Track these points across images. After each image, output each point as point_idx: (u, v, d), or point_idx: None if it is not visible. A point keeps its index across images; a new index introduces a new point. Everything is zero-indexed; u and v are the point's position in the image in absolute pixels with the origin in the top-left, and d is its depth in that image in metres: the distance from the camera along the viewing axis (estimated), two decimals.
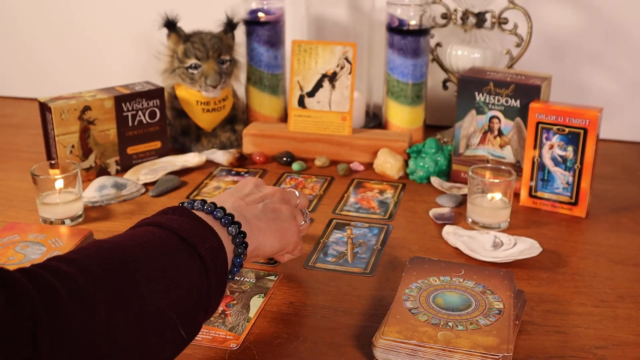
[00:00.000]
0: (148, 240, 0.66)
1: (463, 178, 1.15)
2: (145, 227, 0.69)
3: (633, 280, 0.89)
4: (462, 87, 1.12)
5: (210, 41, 1.26)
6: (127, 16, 1.54)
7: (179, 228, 0.68)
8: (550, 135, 1.04)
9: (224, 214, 0.73)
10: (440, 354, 0.69)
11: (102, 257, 0.61)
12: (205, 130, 1.31)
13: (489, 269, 0.84)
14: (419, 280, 0.81)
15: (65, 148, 1.16)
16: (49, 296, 0.54)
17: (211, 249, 0.68)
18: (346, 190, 1.15)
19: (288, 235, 0.81)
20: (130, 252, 0.63)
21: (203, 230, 0.69)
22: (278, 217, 0.80)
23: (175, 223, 0.68)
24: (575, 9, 1.34)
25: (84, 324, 0.55)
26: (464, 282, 0.81)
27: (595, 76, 1.37)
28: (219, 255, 0.69)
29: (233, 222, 0.73)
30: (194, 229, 0.69)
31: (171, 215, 0.70)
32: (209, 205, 0.74)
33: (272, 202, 0.82)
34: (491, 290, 0.79)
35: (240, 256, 0.73)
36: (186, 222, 0.69)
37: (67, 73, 1.62)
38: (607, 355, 0.74)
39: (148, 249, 0.64)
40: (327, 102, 1.27)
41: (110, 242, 0.65)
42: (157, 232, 0.67)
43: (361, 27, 1.42)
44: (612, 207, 1.09)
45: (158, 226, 0.68)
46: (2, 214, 1.07)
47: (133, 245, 0.64)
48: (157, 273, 0.63)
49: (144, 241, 0.65)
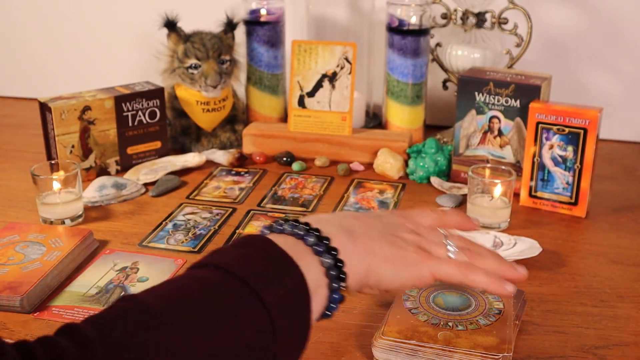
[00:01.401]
0: (182, 290, 0.51)
1: (463, 178, 1.15)
2: (193, 271, 0.55)
3: (633, 280, 0.89)
4: (462, 87, 1.12)
5: (210, 41, 1.26)
6: (127, 16, 1.54)
7: (236, 264, 0.53)
8: (550, 135, 1.04)
9: (317, 239, 0.58)
10: (440, 354, 0.70)
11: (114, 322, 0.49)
12: (205, 130, 1.31)
13: None
14: None
15: (66, 148, 1.16)
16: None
17: (286, 293, 0.53)
18: (346, 190, 1.15)
19: (406, 264, 0.62)
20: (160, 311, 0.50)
21: (277, 265, 0.54)
22: (395, 242, 0.63)
23: (233, 258, 0.54)
24: (575, 9, 1.34)
25: None
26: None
27: (595, 76, 1.37)
28: (298, 302, 0.54)
29: (328, 248, 0.58)
30: (262, 264, 0.54)
31: (236, 249, 0.56)
32: (300, 227, 0.59)
33: (395, 228, 0.65)
34: None
35: (338, 291, 0.58)
36: (253, 254, 0.55)
37: (67, 73, 1.61)
38: (607, 355, 0.74)
39: (182, 302, 0.51)
40: (327, 102, 1.27)
41: (136, 301, 0.51)
42: (201, 276, 0.53)
43: (361, 27, 1.42)
44: (612, 207, 1.09)
45: (209, 266, 0.54)
46: (2, 214, 1.07)
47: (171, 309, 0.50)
48: (185, 331, 0.49)
49: (181, 292, 0.51)
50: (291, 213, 1.07)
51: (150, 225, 1.03)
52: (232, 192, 1.15)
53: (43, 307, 0.83)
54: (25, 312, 0.81)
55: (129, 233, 1.01)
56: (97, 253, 0.95)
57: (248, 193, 1.14)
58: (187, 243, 0.98)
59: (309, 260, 0.57)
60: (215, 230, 1.02)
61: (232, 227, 1.03)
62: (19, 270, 0.86)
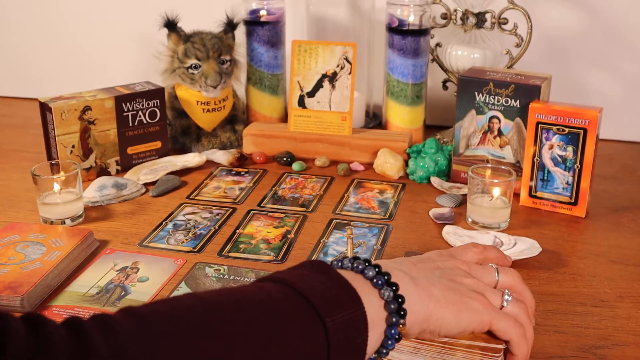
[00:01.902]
0: (245, 299, 0.51)
1: (463, 178, 1.15)
2: (260, 284, 0.55)
3: (633, 280, 0.89)
4: (462, 87, 1.12)
5: (211, 41, 1.26)
6: (127, 16, 1.54)
7: (303, 284, 0.53)
8: (550, 135, 1.04)
9: (376, 272, 0.59)
10: (442, 351, 0.69)
11: (170, 315, 0.49)
12: (206, 130, 1.31)
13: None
14: None
15: (66, 148, 1.16)
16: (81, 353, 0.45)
17: (347, 320, 0.53)
18: (346, 190, 1.15)
19: (467, 310, 0.63)
20: (215, 311, 0.50)
21: (341, 292, 0.54)
22: (456, 288, 0.64)
23: (301, 279, 0.54)
24: (575, 9, 1.34)
25: None
26: None
27: (595, 76, 1.37)
28: (356, 331, 0.53)
29: (389, 283, 0.59)
30: (327, 289, 0.54)
31: (303, 270, 0.56)
32: (359, 262, 0.59)
33: (452, 272, 0.66)
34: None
35: (395, 327, 0.58)
36: (319, 278, 0.55)
37: (67, 73, 1.62)
38: (607, 355, 0.74)
39: (242, 307, 0.50)
40: (327, 102, 1.27)
41: (196, 299, 0.52)
42: (267, 289, 0.53)
43: (361, 27, 1.42)
44: (612, 207, 1.09)
45: (275, 281, 0.54)
46: (3, 214, 1.07)
47: (224, 303, 0.51)
48: (242, 339, 0.49)
49: (243, 299, 0.51)
50: (291, 213, 1.07)
51: (151, 225, 1.03)
52: (232, 192, 1.15)
53: (43, 307, 0.83)
54: (26, 312, 0.81)
55: (129, 233, 1.01)
56: (97, 253, 0.95)
57: (248, 193, 1.15)
58: (187, 243, 0.98)
59: (368, 291, 0.57)
60: (215, 230, 1.02)
61: (232, 227, 1.03)
62: (19, 270, 0.86)
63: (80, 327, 0.47)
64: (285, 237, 1.00)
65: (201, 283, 0.88)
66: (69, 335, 0.46)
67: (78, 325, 0.47)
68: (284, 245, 0.97)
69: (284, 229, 1.02)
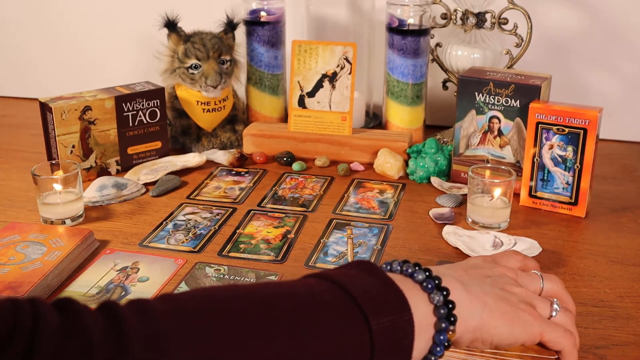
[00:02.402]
0: (290, 291, 0.50)
1: (463, 178, 1.15)
2: (305, 279, 0.54)
3: (633, 280, 0.89)
4: (462, 87, 1.12)
5: (211, 41, 1.26)
6: (127, 16, 1.54)
7: (350, 283, 0.52)
8: (550, 136, 1.04)
9: (426, 276, 0.58)
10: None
11: (195, 305, 0.48)
12: (206, 130, 1.31)
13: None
14: None
15: (66, 148, 1.16)
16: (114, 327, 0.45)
17: (392, 323, 0.52)
18: (346, 190, 1.15)
19: (521, 323, 0.62)
20: (257, 299, 0.49)
21: (388, 294, 0.53)
22: (509, 298, 0.62)
23: (348, 277, 0.53)
24: (575, 9, 1.34)
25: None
26: None
27: (595, 76, 1.37)
28: (402, 335, 0.52)
29: (439, 287, 0.57)
30: (374, 290, 0.53)
31: (350, 270, 0.55)
32: (408, 265, 0.59)
33: (502, 281, 0.65)
34: None
35: (445, 332, 0.56)
36: (366, 279, 0.54)
37: (67, 73, 1.62)
38: (607, 355, 0.74)
39: (285, 298, 0.50)
40: (327, 102, 1.27)
41: (235, 287, 0.51)
42: (312, 284, 0.52)
43: (361, 27, 1.42)
44: (612, 207, 1.09)
45: (322, 278, 0.53)
46: (3, 214, 1.07)
47: (261, 295, 0.49)
48: (285, 327, 0.48)
49: (283, 292, 0.50)
50: (291, 213, 1.07)
51: (151, 225, 1.03)
52: (233, 192, 1.15)
53: None
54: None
55: (130, 233, 1.01)
56: (97, 253, 0.95)
57: (248, 193, 1.15)
58: (188, 243, 0.98)
59: (416, 295, 0.56)
60: (215, 230, 1.02)
61: (232, 227, 1.03)
62: (19, 270, 0.86)
63: (115, 312, 0.47)
64: (286, 237, 1.00)
65: (201, 283, 0.88)
66: (104, 321, 0.46)
67: (113, 309, 0.47)
68: (284, 245, 0.97)
69: (284, 229, 1.02)
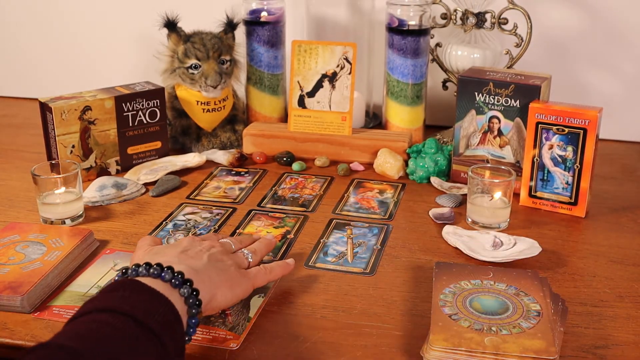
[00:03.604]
0: (105, 336, 0.61)
1: (463, 178, 1.15)
2: (98, 316, 0.63)
3: (633, 280, 0.89)
4: (462, 87, 1.12)
5: (211, 41, 1.26)
6: (127, 16, 1.54)
7: (132, 309, 0.64)
8: (550, 135, 1.04)
9: (172, 274, 0.71)
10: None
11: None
12: (206, 130, 1.31)
13: (517, 271, 0.84)
14: (451, 285, 0.81)
15: (66, 148, 1.16)
16: None
17: (167, 323, 0.65)
18: (346, 190, 1.15)
19: (237, 284, 0.78)
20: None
21: (157, 304, 0.66)
22: (224, 267, 0.78)
23: (127, 303, 0.64)
24: (575, 9, 1.34)
25: None
26: (495, 284, 0.81)
27: (595, 76, 1.37)
28: (175, 329, 0.66)
29: (184, 281, 0.71)
30: (148, 305, 0.65)
31: (121, 293, 0.66)
32: (154, 268, 0.71)
33: (215, 253, 0.80)
34: (524, 292, 0.79)
35: (195, 317, 0.71)
36: (138, 298, 0.66)
37: (67, 73, 1.62)
38: (607, 355, 0.74)
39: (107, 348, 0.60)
40: (327, 102, 1.27)
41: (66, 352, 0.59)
42: (112, 322, 0.62)
43: (361, 27, 1.42)
44: (611, 207, 1.09)
45: (110, 312, 0.63)
46: (3, 214, 1.07)
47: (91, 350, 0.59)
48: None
49: (100, 340, 0.60)
50: (291, 213, 1.07)
51: (151, 225, 1.04)
52: (232, 192, 1.15)
53: (43, 307, 0.83)
54: (26, 312, 0.81)
55: (130, 233, 1.01)
56: (97, 253, 0.95)
57: (248, 193, 1.15)
58: None
59: (170, 292, 0.68)
60: (215, 230, 1.02)
61: (232, 227, 1.03)
62: (19, 270, 0.86)
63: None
64: (285, 237, 1.00)
65: None
66: None
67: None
68: (284, 245, 0.97)
69: (284, 229, 1.02)
